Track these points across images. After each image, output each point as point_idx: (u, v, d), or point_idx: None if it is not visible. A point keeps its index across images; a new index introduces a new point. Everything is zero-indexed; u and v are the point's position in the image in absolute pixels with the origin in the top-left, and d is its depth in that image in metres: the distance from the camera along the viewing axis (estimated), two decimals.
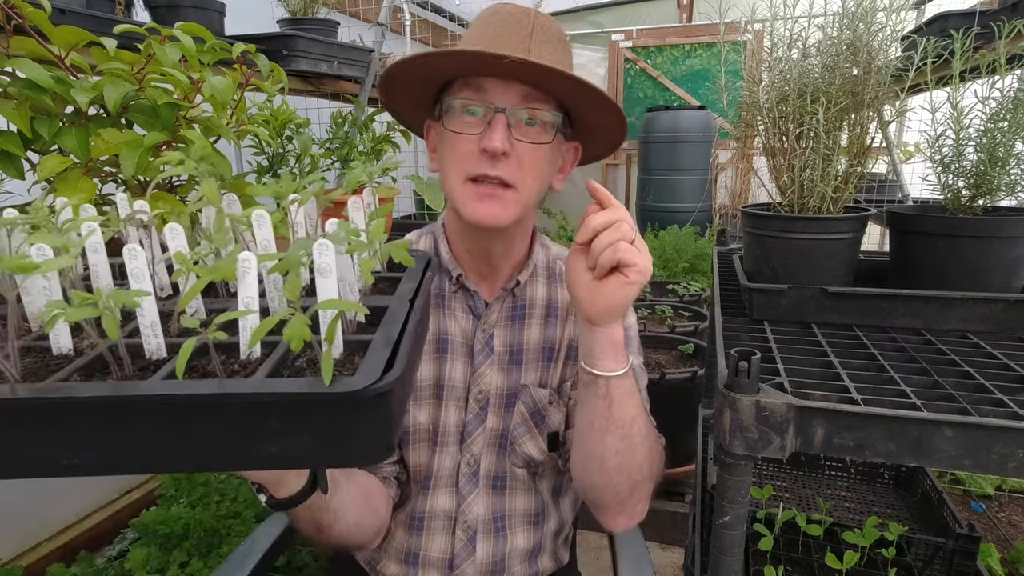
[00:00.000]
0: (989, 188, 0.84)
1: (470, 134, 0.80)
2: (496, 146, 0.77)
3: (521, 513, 0.95)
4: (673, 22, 4.60)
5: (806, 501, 1.48)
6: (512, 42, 0.80)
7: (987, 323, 0.83)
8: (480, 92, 0.80)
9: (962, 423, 0.56)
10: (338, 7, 2.99)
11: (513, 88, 0.79)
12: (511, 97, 0.79)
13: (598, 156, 0.97)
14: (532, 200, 0.84)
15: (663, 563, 2.03)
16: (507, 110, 0.78)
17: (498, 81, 0.79)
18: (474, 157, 0.79)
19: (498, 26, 0.82)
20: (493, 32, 0.82)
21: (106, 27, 1.12)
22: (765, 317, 0.91)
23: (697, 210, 4.00)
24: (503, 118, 0.78)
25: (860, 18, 0.84)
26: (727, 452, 0.63)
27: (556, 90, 0.80)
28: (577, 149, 0.93)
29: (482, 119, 0.80)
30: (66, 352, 0.45)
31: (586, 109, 0.84)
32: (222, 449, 0.42)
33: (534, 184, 0.83)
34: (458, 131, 0.81)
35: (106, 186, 0.96)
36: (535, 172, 0.82)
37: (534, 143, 0.80)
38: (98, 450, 0.41)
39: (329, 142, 1.90)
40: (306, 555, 1.58)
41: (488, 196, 0.80)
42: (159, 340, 0.44)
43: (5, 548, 1.76)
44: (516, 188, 0.80)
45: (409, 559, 0.92)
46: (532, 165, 0.81)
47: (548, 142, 0.82)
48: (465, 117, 0.81)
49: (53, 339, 0.45)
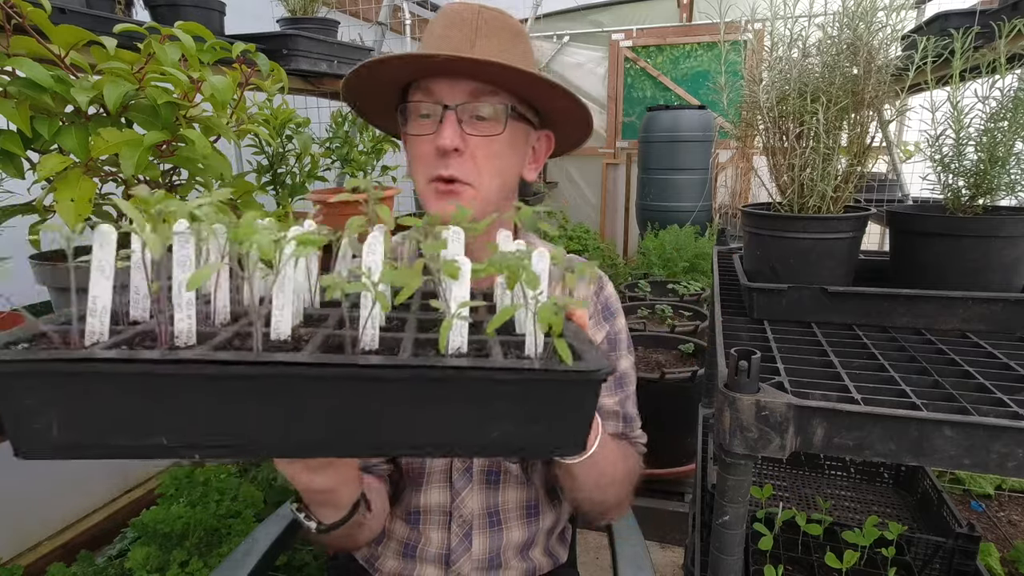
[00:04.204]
0: (989, 188, 0.84)
1: (426, 135, 0.81)
2: (446, 143, 0.78)
3: (515, 507, 0.95)
4: (673, 21, 4.60)
5: (806, 500, 1.48)
6: (455, 40, 0.81)
7: (987, 323, 0.83)
8: (429, 93, 0.81)
9: (962, 422, 0.56)
10: (338, 6, 2.99)
11: (460, 85, 0.80)
12: (458, 94, 0.80)
13: (578, 141, 0.98)
14: (493, 194, 0.84)
15: (663, 562, 2.04)
16: (456, 107, 0.79)
17: (445, 80, 0.80)
18: (431, 157, 0.81)
19: (444, 26, 0.83)
20: (439, 32, 0.83)
21: (106, 26, 1.12)
22: (765, 317, 0.91)
23: (697, 210, 4.00)
24: (452, 115, 0.79)
25: (860, 17, 0.83)
26: (727, 452, 0.63)
27: (504, 82, 0.81)
28: (549, 137, 0.93)
29: (433, 119, 0.81)
30: (284, 339, 0.47)
31: (541, 98, 0.85)
32: (454, 431, 0.45)
33: (493, 179, 0.83)
34: (415, 133, 0.83)
35: (106, 185, 0.96)
36: (492, 166, 0.83)
37: (487, 136, 0.81)
38: (348, 427, 0.44)
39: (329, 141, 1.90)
40: (306, 554, 1.58)
41: (446, 193, 0.82)
42: (375, 331, 0.47)
43: (5, 548, 1.76)
44: (472, 184, 0.82)
45: (407, 554, 0.93)
46: (488, 159, 0.82)
47: (499, 133, 0.82)
48: (419, 120, 0.83)
49: (274, 326, 0.47)
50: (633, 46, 4.62)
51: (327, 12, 2.61)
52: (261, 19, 2.24)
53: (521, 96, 0.84)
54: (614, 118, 4.79)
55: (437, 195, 0.82)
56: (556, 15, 4.73)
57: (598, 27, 4.75)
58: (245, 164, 1.79)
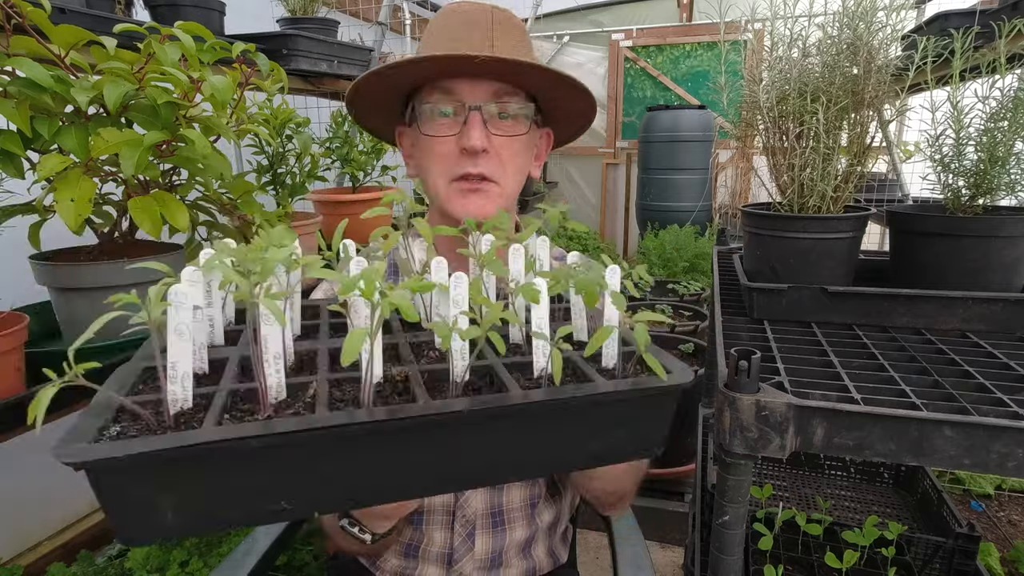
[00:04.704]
0: (989, 187, 0.83)
1: (447, 136, 0.81)
2: (476, 144, 0.78)
3: (519, 506, 0.95)
4: (673, 21, 4.60)
5: (806, 500, 1.48)
6: (475, 40, 0.81)
7: (987, 323, 0.83)
8: (450, 94, 0.81)
9: (962, 422, 0.56)
10: (338, 6, 2.99)
11: (482, 85, 0.80)
12: (482, 94, 0.80)
13: (570, 138, 0.99)
14: (513, 192, 0.87)
15: (663, 562, 2.03)
16: (481, 107, 0.80)
17: (466, 80, 0.80)
18: (454, 157, 0.81)
19: (458, 26, 0.83)
20: (454, 33, 0.83)
21: (106, 26, 1.12)
22: (765, 317, 0.91)
23: (697, 209, 4.00)
24: (478, 116, 0.79)
25: (860, 17, 0.83)
26: (727, 451, 0.63)
27: (524, 81, 0.82)
28: (549, 135, 0.95)
29: (456, 120, 0.81)
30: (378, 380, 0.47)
31: (557, 96, 0.86)
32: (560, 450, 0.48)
33: (514, 176, 0.85)
34: (434, 134, 0.82)
35: (106, 185, 0.96)
36: (514, 164, 0.84)
37: (510, 136, 0.82)
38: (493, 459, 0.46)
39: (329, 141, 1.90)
40: (306, 554, 1.58)
41: (472, 191, 0.82)
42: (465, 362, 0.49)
43: (5, 548, 1.76)
44: (498, 183, 0.83)
45: (409, 553, 0.93)
46: (511, 157, 0.83)
47: (524, 133, 0.83)
48: (439, 120, 0.82)
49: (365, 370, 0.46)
50: (633, 46, 4.62)
51: (327, 12, 2.61)
52: (261, 19, 2.24)
53: (531, 95, 0.85)
54: (614, 118, 4.79)
55: (462, 193, 0.83)
56: (556, 15, 4.73)
57: (598, 27, 4.75)
58: (245, 164, 1.79)
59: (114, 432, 0.40)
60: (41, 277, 0.96)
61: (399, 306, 0.41)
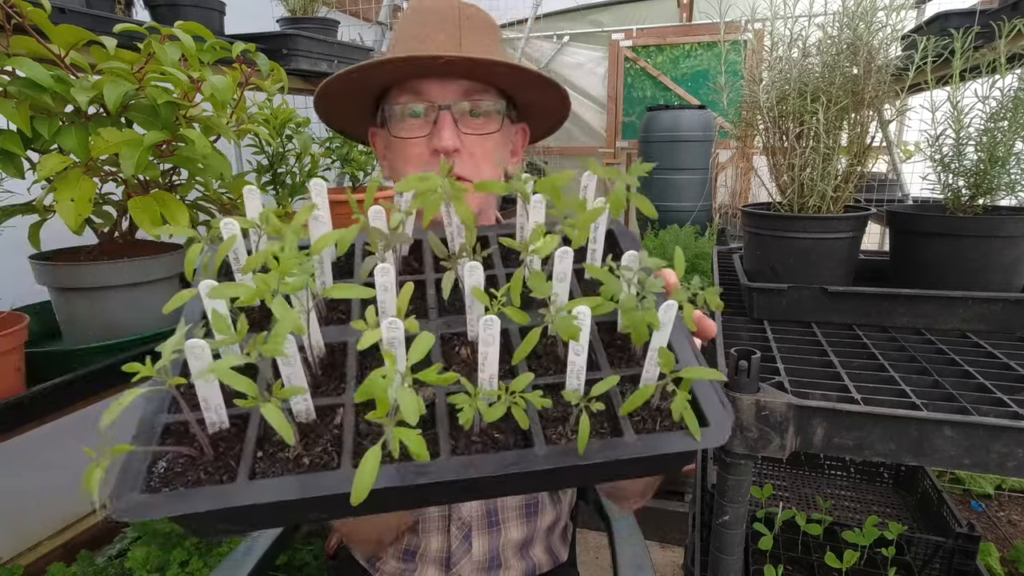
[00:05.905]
0: (989, 187, 0.84)
1: (418, 136, 0.80)
2: (447, 144, 0.77)
3: (514, 506, 0.95)
4: (673, 21, 4.59)
5: (806, 500, 1.48)
6: (441, 39, 0.79)
7: (987, 323, 0.83)
8: (419, 94, 0.80)
9: (962, 422, 0.56)
10: (338, 6, 2.99)
11: (451, 84, 0.79)
12: (451, 93, 0.79)
13: (547, 133, 0.97)
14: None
15: (663, 562, 2.03)
16: (451, 106, 0.78)
17: (435, 80, 0.79)
18: (426, 158, 0.80)
19: (422, 24, 0.81)
20: (418, 32, 0.81)
21: (106, 26, 1.12)
22: (765, 316, 0.91)
23: (697, 209, 3.99)
24: (448, 115, 0.78)
25: (860, 17, 0.83)
26: (727, 451, 0.63)
27: (494, 79, 0.80)
28: (525, 131, 0.93)
29: (426, 120, 0.80)
30: None
31: (527, 92, 0.84)
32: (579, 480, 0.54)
33: (489, 174, 0.83)
34: (405, 136, 0.81)
35: (106, 185, 0.96)
36: (488, 162, 0.82)
37: (482, 134, 0.81)
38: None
39: (329, 141, 1.90)
40: (306, 554, 1.58)
41: None
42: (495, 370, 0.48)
43: (5, 548, 1.76)
44: (473, 182, 0.81)
45: (407, 556, 0.93)
46: (484, 155, 0.82)
47: (496, 131, 0.81)
48: (409, 120, 0.81)
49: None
50: (633, 46, 4.62)
51: (327, 12, 2.61)
52: (261, 19, 2.24)
53: (504, 92, 0.84)
54: (614, 118, 4.79)
55: None
56: (556, 15, 4.73)
57: (598, 27, 4.75)
58: (245, 164, 1.79)
59: (161, 469, 0.42)
60: (41, 277, 0.96)
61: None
